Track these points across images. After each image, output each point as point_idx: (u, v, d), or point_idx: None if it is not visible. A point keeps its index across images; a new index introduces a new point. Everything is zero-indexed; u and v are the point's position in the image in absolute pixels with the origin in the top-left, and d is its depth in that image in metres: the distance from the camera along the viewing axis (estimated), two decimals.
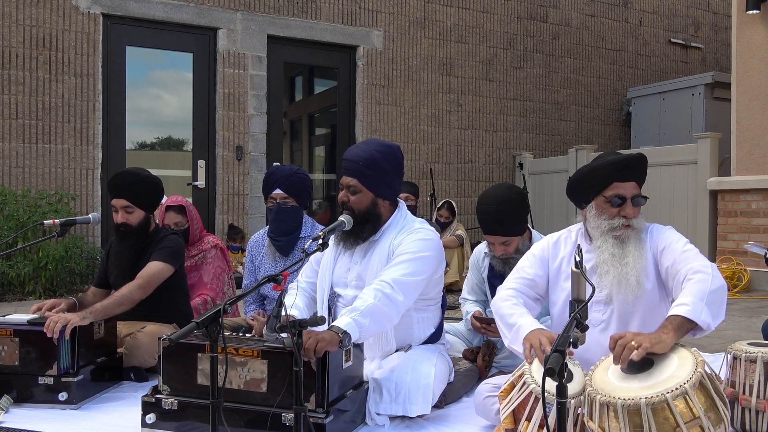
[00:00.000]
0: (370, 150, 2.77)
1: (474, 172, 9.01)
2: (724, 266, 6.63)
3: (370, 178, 2.75)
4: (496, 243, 3.17)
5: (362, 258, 2.82)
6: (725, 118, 7.44)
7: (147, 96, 7.54)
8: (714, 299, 2.23)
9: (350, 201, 2.76)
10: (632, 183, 2.50)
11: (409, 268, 2.63)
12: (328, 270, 2.89)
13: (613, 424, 2.03)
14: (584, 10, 9.84)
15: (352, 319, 2.45)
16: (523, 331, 2.40)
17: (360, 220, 2.76)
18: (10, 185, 6.41)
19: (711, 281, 2.25)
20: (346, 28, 8.12)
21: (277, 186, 3.67)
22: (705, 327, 2.19)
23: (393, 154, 2.82)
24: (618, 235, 2.49)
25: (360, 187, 2.75)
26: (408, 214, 2.90)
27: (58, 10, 6.68)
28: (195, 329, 1.93)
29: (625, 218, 2.48)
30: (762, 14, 6.65)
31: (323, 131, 9.43)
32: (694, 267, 2.32)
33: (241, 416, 2.41)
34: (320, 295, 2.89)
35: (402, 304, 2.60)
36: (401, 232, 2.78)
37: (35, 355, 2.88)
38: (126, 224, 3.39)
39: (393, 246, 2.75)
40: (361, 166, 2.74)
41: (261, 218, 7.67)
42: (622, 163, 2.48)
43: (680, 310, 2.20)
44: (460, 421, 2.73)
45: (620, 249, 2.48)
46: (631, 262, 2.45)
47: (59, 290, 6.04)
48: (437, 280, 2.87)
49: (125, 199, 3.36)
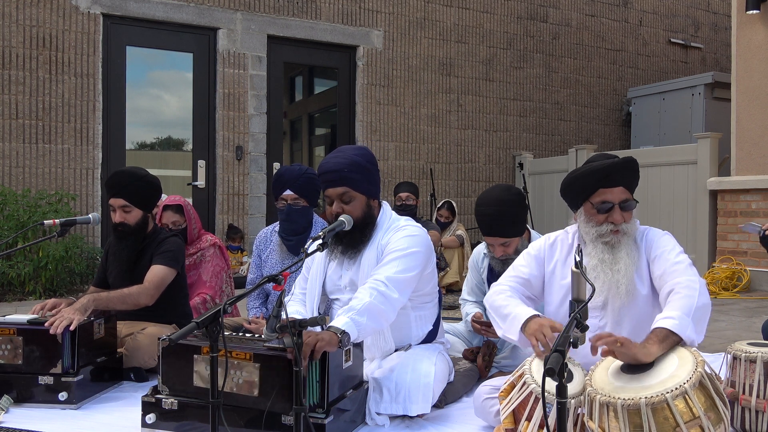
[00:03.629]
0: (348, 155, 2.77)
1: (474, 172, 9.01)
2: (724, 266, 6.63)
3: (359, 182, 2.75)
4: (496, 244, 3.17)
5: (353, 263, 2.82)
6: (725, 118, 7.44)
7: (147, 96, 7.54)
8: (699, 316, 2.22)
9: (345, 210, 2.73)
10: (620, 188, 2.46)
11: (400, 265, 2.64)
12: (318, 279, 2.89)
13: (613, 424, 2.03)
14: (584, 10, 9.84)
15: (349, 319, 2.46)
16: (519, 319, 2.39)
17: (360, 227, 2.76)
18: (10, 185, 6.41)
19: (697, 298, 2.23)
20: (346, 28, 8.12)
21: (287, 187, 3.67)
22: (689, 342, 2.18)
23: (369, 155, 2.85)
24: (607, 241, 2.46)
25: (353, 193, 2.74)
26: (393, 213, 2.91)
27: (58, 10, 6.69)
28: (195, 329, 1.93)
29: (613, 224, 2.45)
30: (762, 14, 6.65)
31: (323, 131, 9.44)
32: (682, 282, 2.29)
33: (242, 416, 2.41)
34: (310, 303, 2.89)
35: (397, 301, 2.61)
36: (388, 231, 2.79)
37: (39, 353, 2.88)
38: (124, 224, 3.38)
39: (381, 246, 2.76)
40: (347, 173, 2.72)
41: (261, 218, 7.67)
42: (606, 170, 2.44)
43: (666, 323, 2.18)
44: (460, 421, 2.73)
45: (611, 255, 2.45)
46: (622, 269, 2.42)
47: (59, 290, 6.04)
48: (429, 275, 2.87)
49: (123, 198, 3.35)
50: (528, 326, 2.35)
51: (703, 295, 2.25)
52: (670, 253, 2.43)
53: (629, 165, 2.47)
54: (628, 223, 2.47)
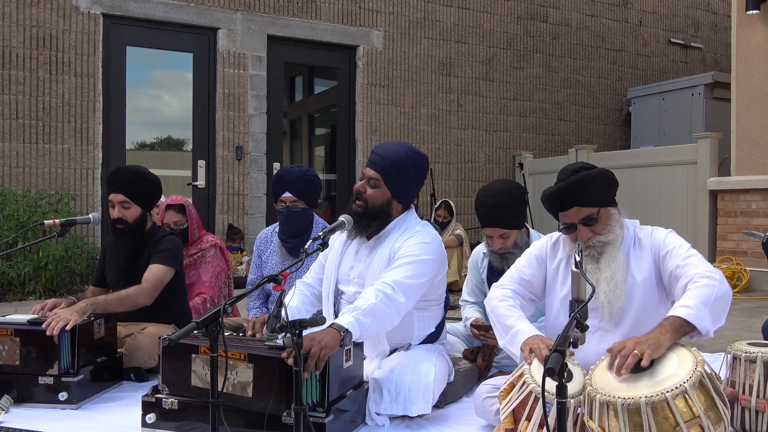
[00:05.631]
0: (400, 151, 2.82)
1: (474, 172, 9.01)
2: (724, 266, 6.62)
3: (393, 178, 2.79)
4: (495, 236, 3.18)
5: (366, 257, 2.85)
6: (725, 118, 7.44)
7: (147, 96, 7.54)
8: (718, 305, 2.22)
9: (366, 193, 2.79)
10: (574, 209, 2.45)
11: (410, 270, 2.65)
12: (334, 266, 2.93)
13: (613, 424, 2.04)
14: (584, 10, 9.84)
15: (353, 318, 2.46)
16: (521, 336, 2.41)
17: (370, 215, 2.79)
18: (10, 185, 6.41)
19: (718, 287, 2.24)
20: (346, 28, 8.12)
21: (286, 189, 3.67)
22: (704, 332, 2.19)
23: (420, 162, 2.87)
24: (587, 254, 2.48)
25: (380, 183, 2.79)
26: (415, 219, 2.92)
27: (58, 10, 6.69)
28: (195, 329, 1.93)
29: (582, 241, 2.46)
30: (762, 14, 6.65)
31: (323, 131, 9.43)
32: (701, 272, 2.30)
33: (242, 416, 2.41)
34: (326, 290, 2.92)
35: (403, 305, 2.62)
36: (404, 234, 2.80)
37: (36, 354, 2.88)
38: (122, 220, 3.37)
39: (394, 249, 2.77)
40: (388, 165, 2.78)
41: (261, 218, 7.67)
42: (554, 196, 2.46)
43: (681, 312, 2.19)
44: (460, 421, 2.73)
45: (595, 264, 2.47)
46: (607, 278, 2.43)
47: (59, 290, 6.04)
48: (439, 282, 2.88)
49: (123, 194, 3.35)
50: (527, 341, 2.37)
51: (723, 284, 2.26)
52: (680, 248, 2.44)
53: (578, 185, 2.43)
54: (602, 234, 2.47)
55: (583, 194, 2.44)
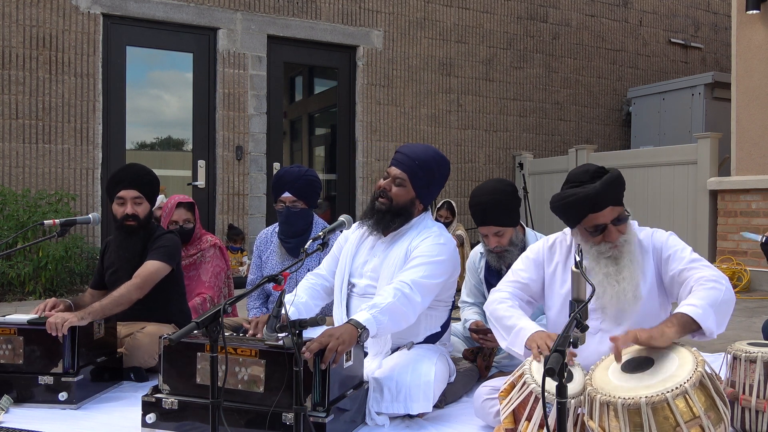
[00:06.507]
0: (429, 154, 2.88)
1: (474, 172, 9.01)
2: (724, 266, 6.62)
3: (419, 179, 2.84)
4: (490, 234, 3.18)
5: (381, 252, 2.88)
6: (725, 118, 7.44)
7: (147, 96, 7.54)
8: (723, 309, 2.24)
9: (392, 191, 2.84)
10: (608, 209, 2.41)
11: (426, 270, 2.69)
12: (349, 259, 2.96)
13: (613, 424, 2.03)
14: (584, 10, 9.84)
15: (371, 315, 2.48)
16: (525, 333, 2.40)
17: (393, 212, 2.84)
18: (10, 185, 6.41)
19: (724, 292, 2.26)
20: (346, 28, 8.12)
21: (285, 189, 3.67)
22: (708, 333, 2.19)
23: (445, 167, 2.95)
24: (609, 256, 2.45)
25: (406, 183, 2.84)
26: (430, 221, 2.96)
27: (58, 10, 6.69)
28: (195, 329, 1.93)
29: (611, 242, 2.44)
30: (762, 14, 6.65)
31: (323, 131, 9.43)
32: (707, 275, 2.31)
33: (242, 416, 2.41)
34: (338, 283, 2.95)
35: (419, 305, 2.65)
36: (420, 233, 2.85)
37: (40, 353, 2.88)
38: (135, 216, 3.36)
39: (410, 248, 2.81)
40: (416, 166, 2.83)
41: (261, 218, 7.67)
42: (592, 198, 2.37)
43: (688, 310, 2.20)
44: (460, 421, 2.73)
45: (614, 267, 2.44)
46: (627, 277, 2.42)
47: (59, 290, 6.04)
48: (451, 283, 2.92)
49: (136, 189, 3.36)
50: (533, 338, 2.36)
51: (729, 290, 2.29)
52: (683, 251, 2.45)
53: (613, 184, 2.41)
54: (625, 233, 2.46)
55: (615, 193, 2.44)
